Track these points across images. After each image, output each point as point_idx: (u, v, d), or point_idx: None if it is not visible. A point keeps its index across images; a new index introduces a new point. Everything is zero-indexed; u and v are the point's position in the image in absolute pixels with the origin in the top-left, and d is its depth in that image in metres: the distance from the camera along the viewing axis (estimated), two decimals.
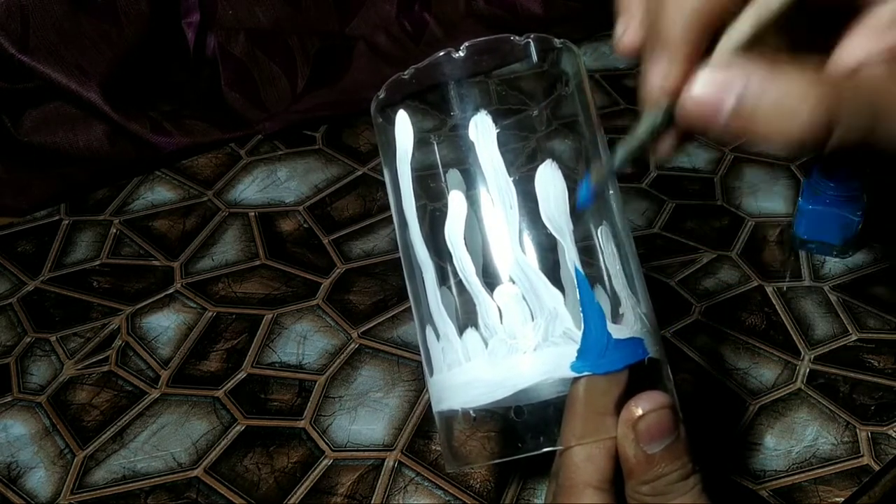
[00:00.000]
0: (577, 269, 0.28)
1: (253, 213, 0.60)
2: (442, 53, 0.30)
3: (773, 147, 0.24)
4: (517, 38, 0.31)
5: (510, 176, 0.29)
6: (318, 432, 0.45)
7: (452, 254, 0.29)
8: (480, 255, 0.30)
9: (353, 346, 0.50)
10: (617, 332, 0.28)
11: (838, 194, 0.50)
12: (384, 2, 0.82)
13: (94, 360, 0.50)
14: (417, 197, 0.30)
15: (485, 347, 0.28)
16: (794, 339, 0.49)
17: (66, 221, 0.61)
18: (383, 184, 0.32)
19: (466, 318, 0.29)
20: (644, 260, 0.54)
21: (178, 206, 0.62)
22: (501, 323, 0.28)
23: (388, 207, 0.32)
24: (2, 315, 0.53)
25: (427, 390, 0.32)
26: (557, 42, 0.31)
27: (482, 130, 0.29)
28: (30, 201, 0.63)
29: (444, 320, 0.29)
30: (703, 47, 0.25)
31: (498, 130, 0.29)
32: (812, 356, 0.48)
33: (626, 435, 0.27)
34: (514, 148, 0.30)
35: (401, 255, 0.32)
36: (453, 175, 0.31)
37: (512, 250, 0.28)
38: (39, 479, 0.43)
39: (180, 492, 0.42)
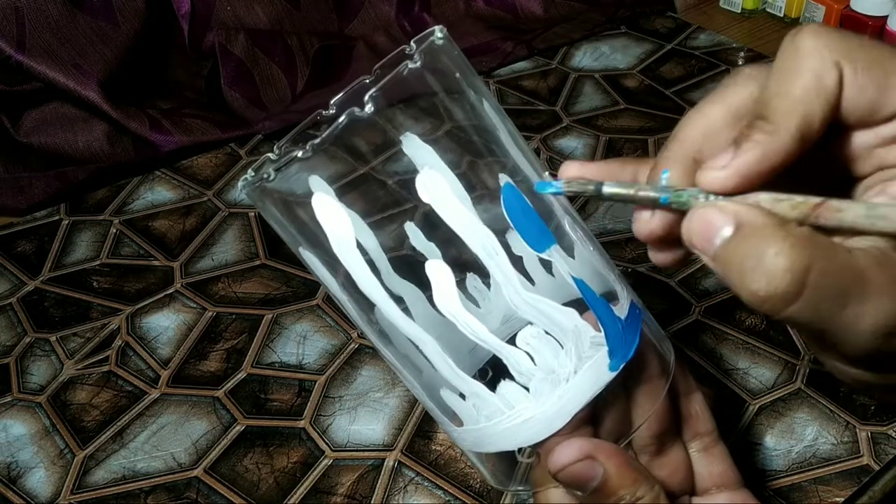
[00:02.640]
0: (574, 278, 0.28)
1: (253, 213, 0.60)
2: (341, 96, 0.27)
3: (744, 300, 0.23)
4: (412, 47, 0.27)
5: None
6: (318, 432, 0.45)
7: (455, 321, 0.27)
8: (494, 310, 0.29)
9: (352, 346, 0.50)
10: (619, 311, 0.28)
11: None
12: (384, 2, 0.82)
13: (94, 360, 0.50)
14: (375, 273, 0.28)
15: (527, 392, 0.27)
16: (794, 338, 0.49)
17: (66, 221, 0.61)
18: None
19: (493, 372, 0.28)
20: (644, 260, 0.54)
21: (178, 206, 0.62)
22: (536, 365, 0.27)
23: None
24: (2, 315, 0.53)
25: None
26: (437, 35, 0.27)
27: (434, 188, 0.26)
28: (29, 201, 0.63)
29: (466, 381, 0.28)
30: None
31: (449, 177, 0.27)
32: (812, 356, 0.48)
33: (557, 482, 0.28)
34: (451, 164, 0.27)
35: (373, 336, 0.30)
36: (413, 232, 0.29)
37: (517, 293, 0.27)
38: (39, 479, 0.43)
39: (180, 492, 0.42)
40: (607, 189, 0.25)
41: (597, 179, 0.26)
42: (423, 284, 0.29)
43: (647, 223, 0.26)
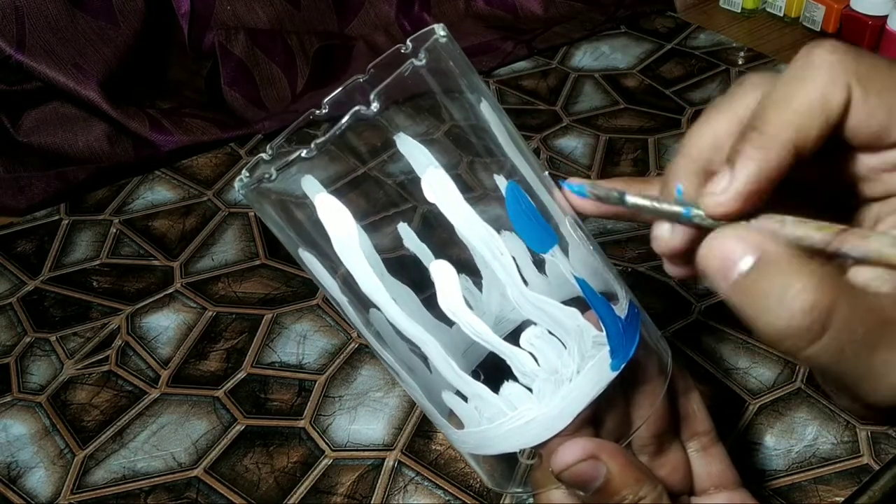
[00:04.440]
0: (576, 277, 0.28)
1: (253, 213, 0.60)
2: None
3: (760, 336, 0.21)
4: (407, 47, 0.27)
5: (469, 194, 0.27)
6: (318, 432, 0.45)
7: (458, 322, 0.27)
8: (486, 312, 0.28)
9: (352, 345, 0.50)
10: (619, 311, 0.28)
11: None
12: (384, 2, 0.82)
13: (94, 359, 0.50)
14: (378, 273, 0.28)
15: (530, 393, 0.27)
16: None
17: (66, 221, 0.61)
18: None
19: (495, 373, 0.28)
20: (644, 259, 0.54)
21: (178, 206, 0.62)
22: (539, 365, 0.27)
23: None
24: (2, 315, 0.53)
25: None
26: (440, 34, 0.27)
27: (439, 187, 0.26)
28: (29, 201, 0.63)
29: (468, 382, 0.28)
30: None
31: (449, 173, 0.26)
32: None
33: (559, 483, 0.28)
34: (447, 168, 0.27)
35: (371, 338, 0.30)
36: (407, 234, 0.29)
37: (521, 294, 0.27)
38: (39, 479, 0.43)
39: (180, 492, 0.42)
40: (630, 199, 0.25)
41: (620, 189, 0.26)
42: (416, 287, 0.29)
43: (667, 240, 0.25)
